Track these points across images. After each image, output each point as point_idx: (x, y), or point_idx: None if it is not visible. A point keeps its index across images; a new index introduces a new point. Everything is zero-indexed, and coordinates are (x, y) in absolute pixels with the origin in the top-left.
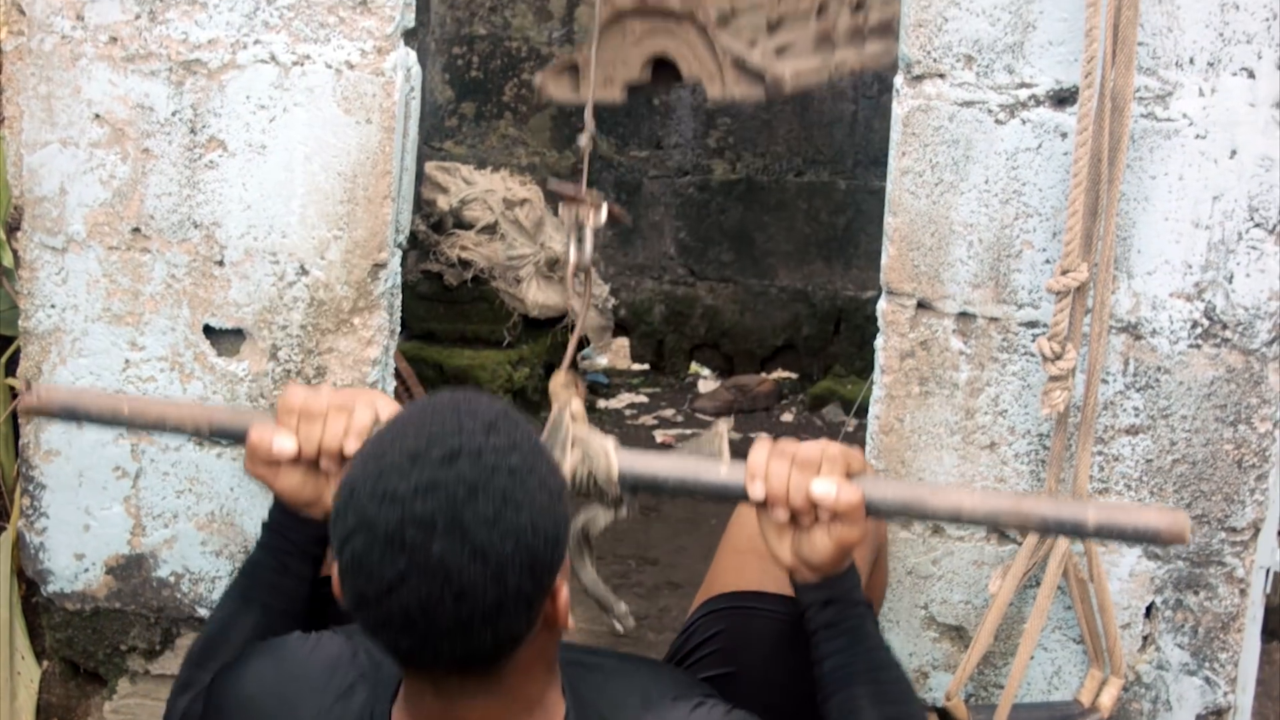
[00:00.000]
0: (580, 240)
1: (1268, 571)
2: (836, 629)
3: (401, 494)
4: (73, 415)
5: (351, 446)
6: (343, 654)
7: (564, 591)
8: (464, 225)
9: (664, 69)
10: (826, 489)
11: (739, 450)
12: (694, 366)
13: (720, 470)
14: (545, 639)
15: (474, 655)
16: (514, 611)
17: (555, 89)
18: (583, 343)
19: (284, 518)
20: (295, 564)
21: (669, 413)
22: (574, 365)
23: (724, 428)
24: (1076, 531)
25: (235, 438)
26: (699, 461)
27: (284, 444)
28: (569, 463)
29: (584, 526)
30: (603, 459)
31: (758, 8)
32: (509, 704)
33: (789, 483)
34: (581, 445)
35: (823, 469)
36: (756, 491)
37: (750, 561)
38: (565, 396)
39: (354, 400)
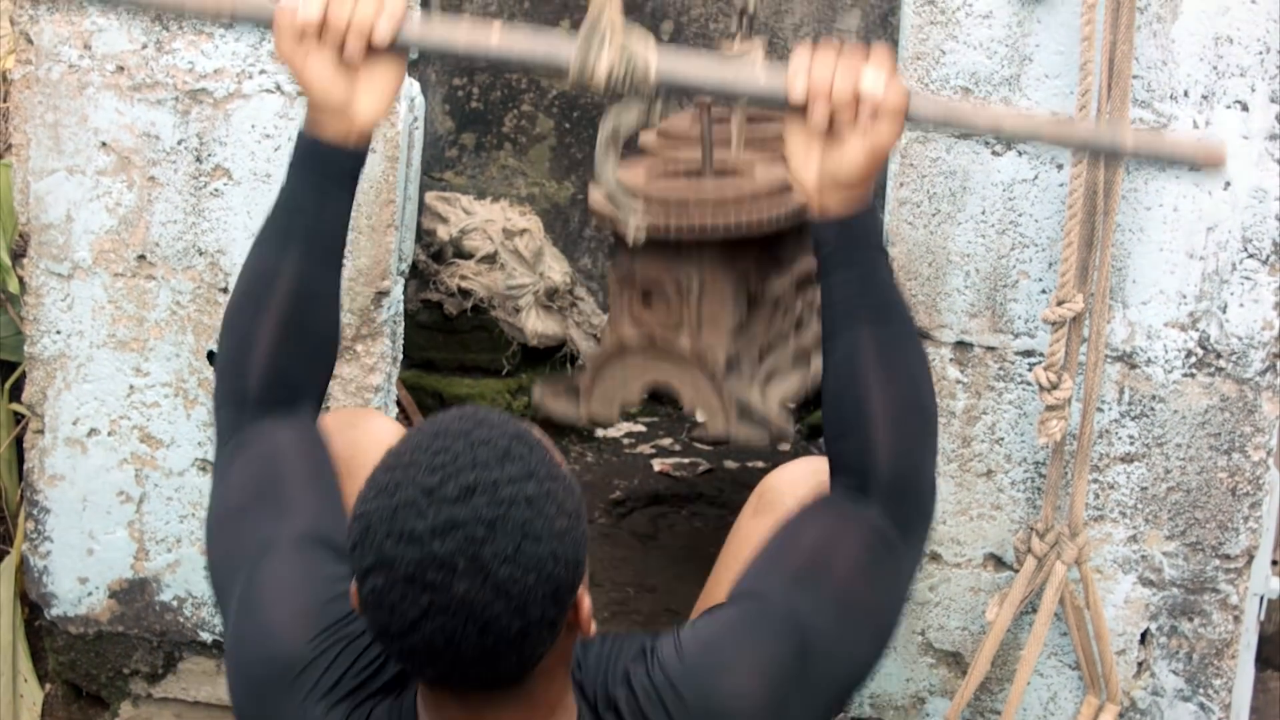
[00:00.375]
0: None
1: (1262, 599)
2: (849, 263)
3: (420, 533)
4: None
5: (383, 29)
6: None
7: (586, 601)
8: (464, 255)
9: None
10: (876, 78)
11: None
12: None
13: (759, 71)
14: (567, 643)
15: (500, 678)
16: (538, 635)
17: (554, 406)
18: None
19: (313, 144)
20: (332, 197)
21: (666, 441)
22: None
23: (759, 44)
24: (1114, 152)
25: (261, 21)
26: (739, 65)
27: (309, 9)
28: (605, 60)
29: (614, 126)
30: (641, 56)
31: (752, 342)
32: (532, 708)
33: (835, 74)
34: (620, 41)
35: (871, 59)
36: (798, 87)
37: None
38: None
39: None
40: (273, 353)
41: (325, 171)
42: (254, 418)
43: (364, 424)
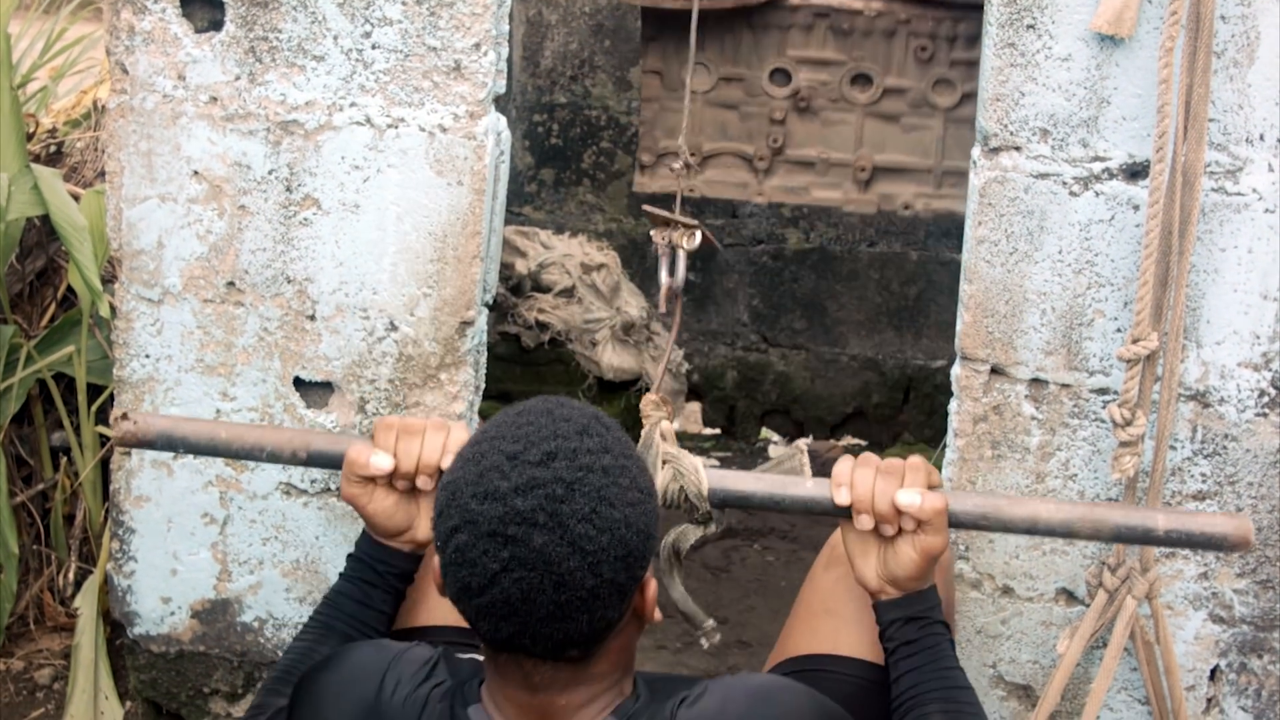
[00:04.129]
0: (673, 264)
1: None
2: (915, 645)
3: (503, 492)
4: (170, 444)
5: (449, 464)
6: (432, 656)
7: (652, 585)
8: (541, 288)
9: None
10: (912, 496)
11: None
12: (764, 432)
13: (806, 484)
14: (632, 630)
15: (570, 640)
16: (608, 599)
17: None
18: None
19: (372, 548)
20: (378, 596)
21: None
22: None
23: (803, 444)
24: (1147, 538)
25: (332, 462)
26: (785, 477)
27: (381, 460)
28: (660, 480)
29: (674, 542)
30: (693, 476)
31: None
32: (593, 691)
33: (874, 489)
34: (672, 463)
35: (906, 478)
36: (843, 497)
37: (823, 624)
38: (656, 416)
39: (449, 423)
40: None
41: (379, 571)
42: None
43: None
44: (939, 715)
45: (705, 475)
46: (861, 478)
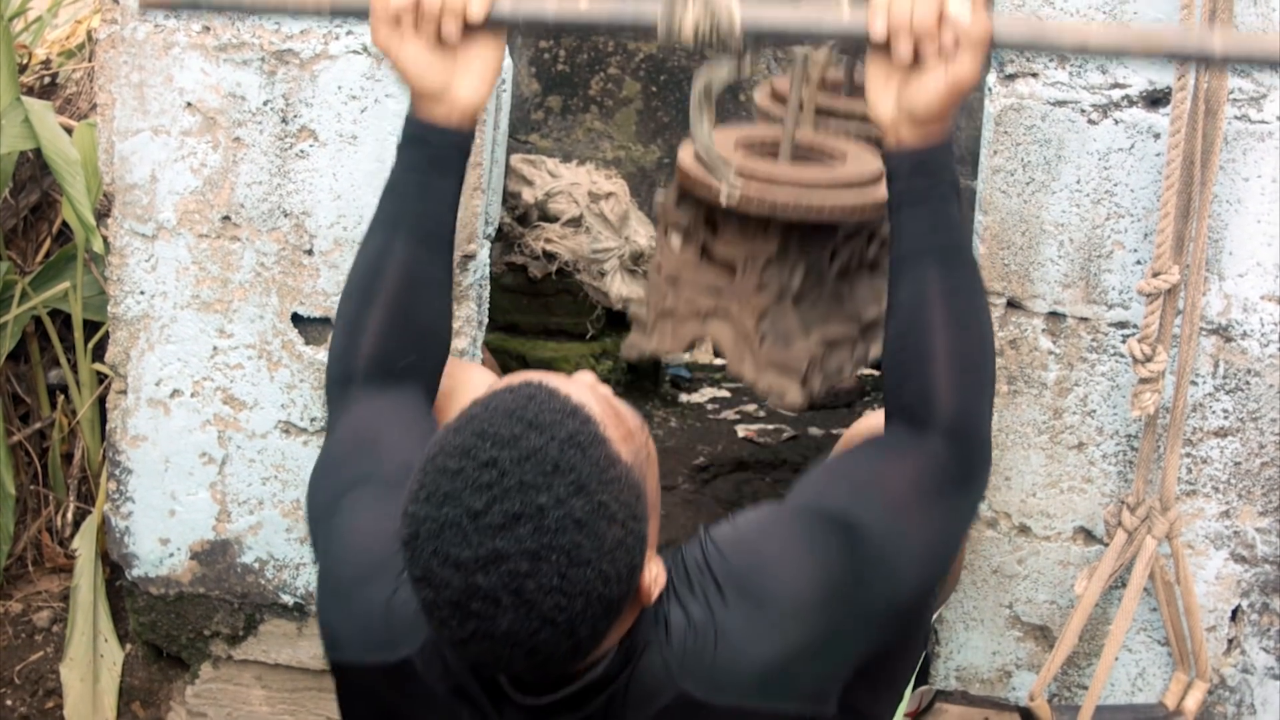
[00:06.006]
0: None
1: None
2: (921, 199)
3: (464, 561)
4: (193, 3)
5: (477, 6)
6: None
7: (649, 574)
8: (549, 218)
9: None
10: (961, 6)
11: None
12: None
13: (842, 12)
14: (627, 617)
15: (556, 681)
16: (589, 645)
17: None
18: None
19: (418, 127)
20: (437, 181)
21: (751, 408)
22: None
23: None
24: (1204, 58)
25: (358, 12)
26: (821, 8)
27: None
28: (691, 15)
29: (705, 84)
30: (725, 10)
31: (811, 310)
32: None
33: (914, 4)
34: None
35: None
36: (879, 24)
37: None
38: None
39: None
40: (379, 340)
41: (430, 155)
42: (359, 393)
43: (459, 374)
44: (936, 281)
45: (739, 9)
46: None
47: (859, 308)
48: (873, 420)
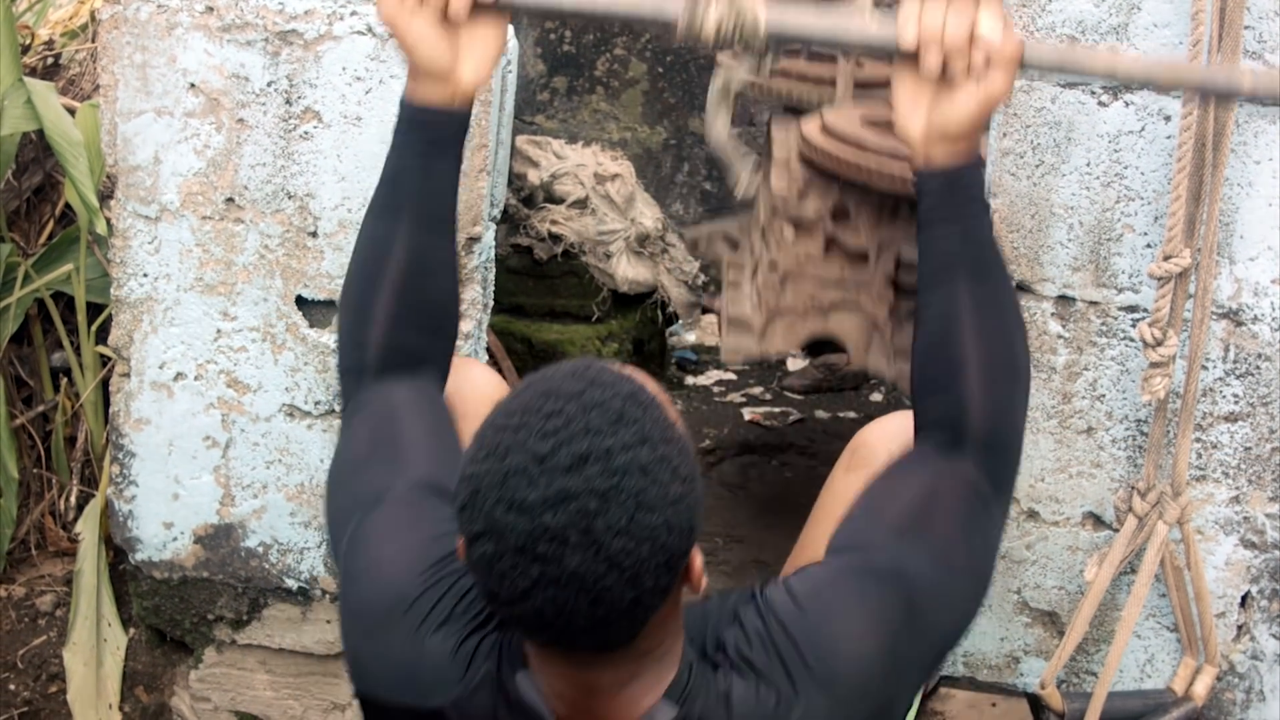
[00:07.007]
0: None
1: None
2: (951, 217)
3: (531, 504)
4: None
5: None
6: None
7: (698, 559)
8: (554, 200)
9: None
10: (992, 23)
11: None
12: None
13: (869, 20)
14: (678, 598)
15: (611, 642)
16: (649, 602)
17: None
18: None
19: (415, 110)
20: (438, 164)
21: (757, 390)
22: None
23: None
24: (1231, 94)
25: None
26: (848, 15)
27: None
28: (714, 14)
29: (725, 81)
30: (750, 10)
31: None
32: (641, 661)
33: (946, 20)
34: None
35: (983, 5)
36: (909, 34)
37: None
38: None
39: None
40: (389, 327)
41: (429, 137)
42: (373, 383)
43: (462, 371)
44: (967, 299)
45: (764, 10)
46: (932, 8)
47: None
48: (891, 427)
